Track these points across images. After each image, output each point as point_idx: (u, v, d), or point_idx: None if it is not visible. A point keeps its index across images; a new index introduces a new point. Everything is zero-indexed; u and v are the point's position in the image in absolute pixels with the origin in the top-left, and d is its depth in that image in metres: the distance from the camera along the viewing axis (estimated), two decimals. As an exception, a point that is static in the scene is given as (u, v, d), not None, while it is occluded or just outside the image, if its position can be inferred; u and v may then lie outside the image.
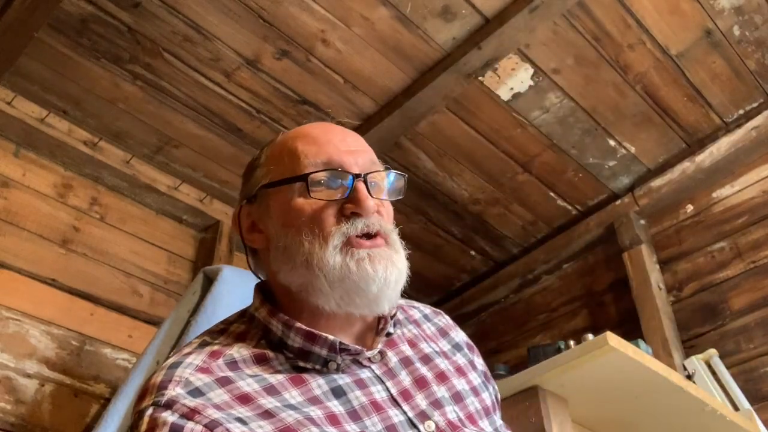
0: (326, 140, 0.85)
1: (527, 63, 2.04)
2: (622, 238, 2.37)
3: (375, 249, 0.79)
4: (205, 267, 1.85)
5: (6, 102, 2.01)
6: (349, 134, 0.89)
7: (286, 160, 0.84)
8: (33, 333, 1.86)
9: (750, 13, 1.94)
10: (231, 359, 0.76)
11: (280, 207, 0.83)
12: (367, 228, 0.79)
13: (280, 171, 0.85)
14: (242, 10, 1.87)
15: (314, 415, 0.70)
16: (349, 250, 0.77)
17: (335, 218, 0.79)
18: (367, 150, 0.88)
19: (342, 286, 0.77)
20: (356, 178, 0.81)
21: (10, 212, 1.98)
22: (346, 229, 0.78)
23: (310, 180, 0.80)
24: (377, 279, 0.77)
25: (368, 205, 0.79)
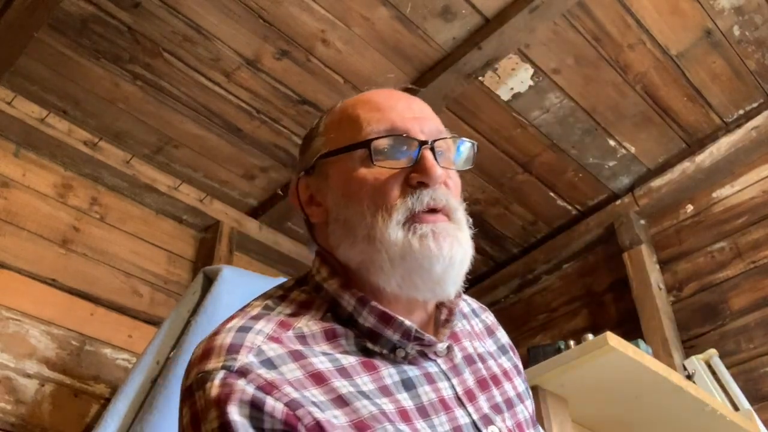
0: (389, 106, 0.80)
1: (527, 63, 2.03)
2: (622, 238, 2.37)
3: (439, 224, 0.72)
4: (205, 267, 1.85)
5: (6, 102, 2.01)
6: (414, 100, 0.84)
7: (347, 128, 0.79)
8: (33, 333, 1.86)
9: (750, 13, 1.94)
10: (300, 333, 0.69)
11: (340, 177, 0.77)
12: (434, 202, 0.72)
13: (339, 139, 0.79)
14: (242, 10, 1.87)
15: (387, 408, 0.65)
16: (411, 225, 0.71)
17: (400, 189, 0.73)
18: (433, 117, 0.81)
19: (403, 264, 0.70)
20: (423, 145, 0.75)
21: (10, 212, 1.98)
22: (411, 204, 0.72)
23: (373, 147, 0.74)
24: (442, 257, 0.70)
25: (436, 174, 0.73)
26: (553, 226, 2.59)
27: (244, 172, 2.36)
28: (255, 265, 2.54)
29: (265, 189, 2.44)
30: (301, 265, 2.61)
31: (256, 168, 2.35)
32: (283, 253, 2.56)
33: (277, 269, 2.59)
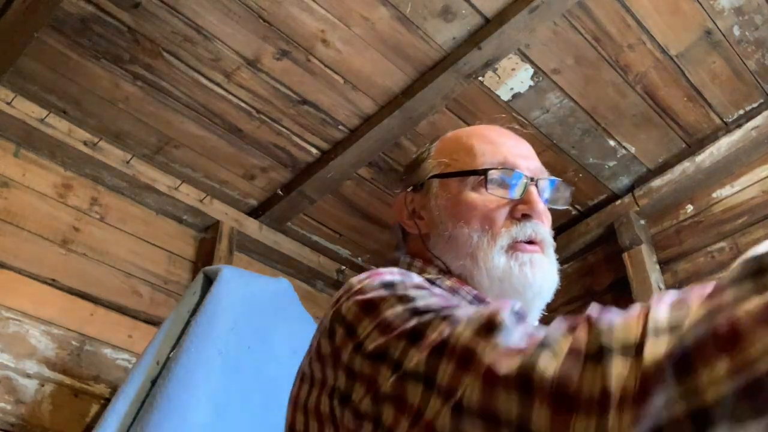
0: (502, 142, 0.89)
1: (527, 63, 2.03)
2: (622, 238, 2.37)
3: (536, 255, 0.81)
4: (205, 267, 1.85)
5: (6, 102, 2.01)
6: (521, 140, 0.93)
7: (462, 155, 0.88)
8: (33, 333, 1.86)
9: (750, 13, 1.94)
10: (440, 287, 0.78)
11: (449, 198, 0.86)
12: (534, 235, 0.82)
13: (453, 164, 0.88)
14: (242, 10, 1.87)
15: None
16: (514, 253, 0.80)
17: (505, 218, 0.82)
18: (536, 157, 0.90)
19: (501, 285, 0.79)
20: (530, 181, 0.84)
21: (10, 212, 1.98)
22: (515, 232, 0.81)
23: (488, 175, 0.83)
24: (535, 285, 0.79)
25: (540, 208, 0.83)
26: (553, 226, 2.59)
27: (244, 172, 2.36)
28: (255, 265, 2.54)
29: (265, 189, 2.44)
30: (301, 265, 2.61)
31: (256, 168, 2.35)
32: (283, 253, 2.56)
33: (277, 269, 2.59)
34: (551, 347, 0.48)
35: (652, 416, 0.40)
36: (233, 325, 1.68)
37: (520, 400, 0.46)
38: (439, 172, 0.89)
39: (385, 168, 2.36)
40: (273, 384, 1.67)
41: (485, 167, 0.84)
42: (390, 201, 2.43)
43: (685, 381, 0.39)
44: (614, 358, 0.44)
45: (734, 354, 0.37)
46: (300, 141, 2.26)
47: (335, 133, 2.23)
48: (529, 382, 0.47)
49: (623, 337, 0.46)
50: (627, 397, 0.42)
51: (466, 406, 0.49)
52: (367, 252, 2.71)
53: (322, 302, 2.65)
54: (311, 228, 2.60)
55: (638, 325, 0.46)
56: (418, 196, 0.90)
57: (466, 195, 0.84)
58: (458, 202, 0.84)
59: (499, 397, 0.48)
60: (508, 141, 0.90)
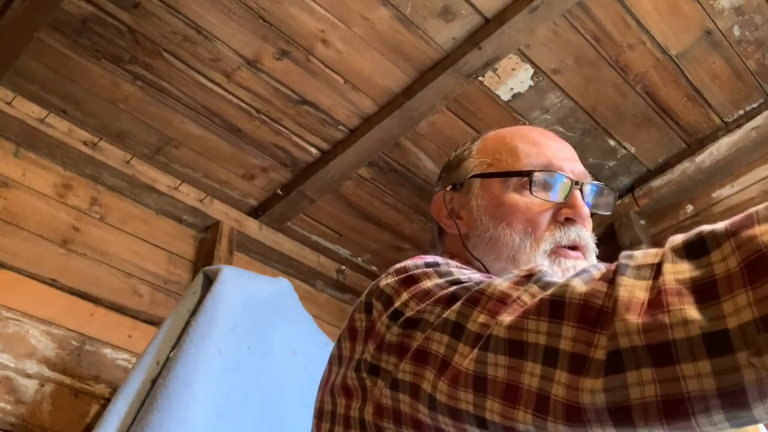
0: (546, 144, 0.87)
1: (527, 63, 2.04)
2: (622, 239, 2.36)
3: (579, 261, 0.79)
4: (205, 267, 1.85)
5: (6, 102, 2.01)
6: (564, 142, 0.91)
7: (505, 156, 0.86)
8: (33, 333, 1.86)
9: (750, 13, 1.94)
10: None
11: (491, 199, 0.84)
12: (579, 239, 0.80)
13: (496, 165, 0.86)
14: (242, 10, 1.87)
15: None
16: (557, 258, 0.78)
17: (549, 222, 0.80)
18: (579, 161, 0.89)
19: None
20: (575, 184, 0.83)
21: (10, 212, 1.98)
22: (558, 237, 0.80)
23: (534, 177, 0.81)
24: None
25: (585, 213, 0.82)
26: (553, 226, 2.59)
27: (244, 172, 2.36)
28: (255, 265, 2.54)
29: (265, 189, 2.44)
30: (301, 265, 2.61)
31: (256, 168, 2.35)
32: (283, 253, 2.56)
33: (277, 269, 2.59)
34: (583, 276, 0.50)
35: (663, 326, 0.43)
36: (233, 325, 1.68)
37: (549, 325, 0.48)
38: (480, 172, 0.87)
39: (385, 168, 2.36)
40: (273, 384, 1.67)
41: (529, 169, 0.82)
42: (390, 201, 2.43)
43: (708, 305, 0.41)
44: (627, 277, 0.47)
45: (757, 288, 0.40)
46: (300, 141, 2.26)
47: (335, 133, 2.23)
48: (561, 305, 0.48)
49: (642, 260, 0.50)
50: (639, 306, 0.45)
51: (493, 343, 0.50)
52: (367, 252, 2.71)
53: (322, 302, 2.66)
54: (311, 228, 2.60)
55: (657, 253, 0.51)
56: (458, 195, 0.88)
57: (509, 196, 0.82)
58: (500, 203, 0.82)
59: (528, 326, 0.49)
60: (552, 143, 0.88)
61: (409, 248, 2.50)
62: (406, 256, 0.91)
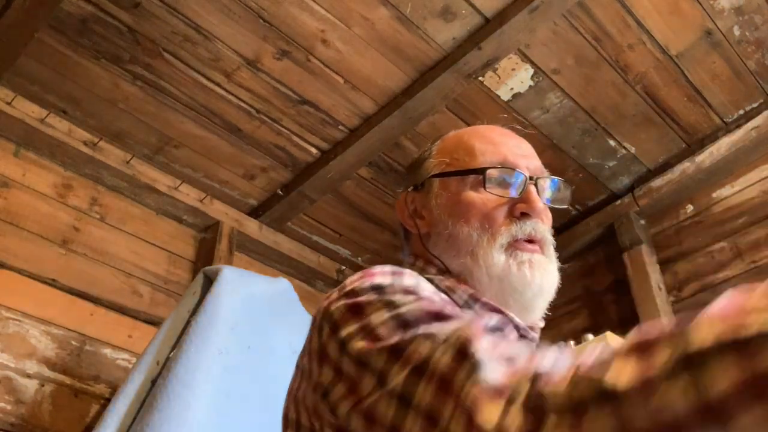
0: (503, 142, 0.89)
1: (527, 63, 2.03)
2: (622, 238, 2.36)
3: (535, 255, 0.82)
4: (205, 267, 1.85)
5: (6, 102, 2.01)
6: (522, 139, 0.94)
7: (462, 155, 0.88)
8: (33, 333, 1.86)
9: (750, 13, 1.94)
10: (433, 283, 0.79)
11: (449, 197, 0.86)
12: (534, 233, 0.82)
13: (453, 164, 0.88)
14: (242, 10, 1.87)
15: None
16: (513, 252, 0.80)
17: (505, 217, 0.82)
18: (537, 156, 0.91)
19: (500, 284, 0.79)
20: (529, 180, 0.85)
21: (10, 212, 1.98)
22: (515, 231, 0.81)
23: (487, 175, 0.83)
24: (534, 285, 0.80)
25: (538, 207, 0.83)
26: (553, 226, 2.59)
27: (244, 172, 2.36)
28: (255, 265, 2.54)
29: (265, 189, 2.44)
30: (301, 265, 2.61)
31: (256, 168, 2.35)
32: (283, 253, 2.56)
33: (277, 269, 2.59)
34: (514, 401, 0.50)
35: None
36: (233, 325, 1.68)
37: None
38: (439, 172, 0.89)
39: (385, 168, 2.36)
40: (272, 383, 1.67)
41: (485, 166, 0.84)
42: (390, 201, 2.43)
43: None
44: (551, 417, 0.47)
45: None
46: (300, 141, 2.26)
47: (335, 133, 2.23)
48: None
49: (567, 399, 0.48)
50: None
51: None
52: (367, 252, 2.71)
53: (322, 302, 2.65)
54: (311, 228, 2.60)
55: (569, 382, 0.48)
56: (419, 196, 0.90)
57: (466, 194, 0.84)
58: (458, 201, 0.84)
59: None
60: (509, 140, 0.90)
61: (409, 248, 2.50)
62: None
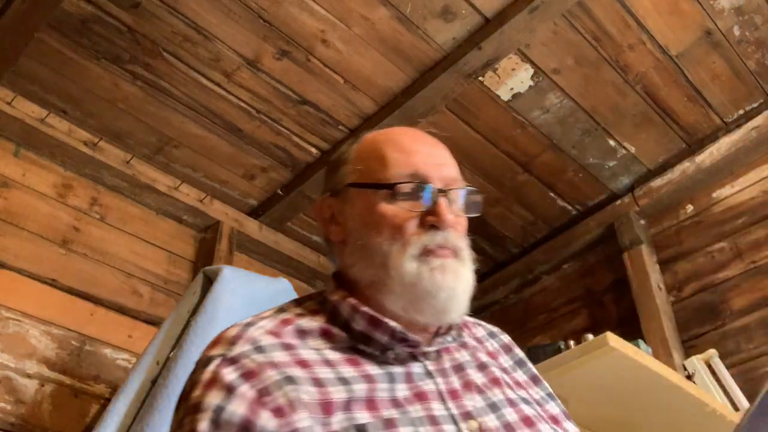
0: (415, 150, 0.89)
1: (527, 63, 2.03)
2: (622, 238, 2.37)
3: (447, 260, 0.83)
4: (205, 267, 1.85)
5: (6, 102, 2.01)
6: (436, 146, 0.93)
7: (375, 164, 0.89)
8: (33, 333, 1.86)
9: (750, 13, 1.94)
10: (299, 328, 0.81)
11: (363, 207, 0.87)
12: (445, 242, 0.83)
13: (366, 174, 0.89)
14: (242, 10, 1.87)
15: (356, 395, 0.74)
16: (425, 259, 0.82)
17: (416, 227, 0.84)
18: (452, 164, 0.91)
19: (413, 291, 0.81)
20: (440, 192, 0.86)
21: (10, 212, 1.98)
22: (426, 240, 0.83)
23: (396, 189, 0.85)
24: (446, 287, 0.81)
25: (447, 219, 0.84)
26: (553, 226, 2.59)
27: (244, 172, 2.36)
28: (255, 265, 2.54)
29: (265, 189, 2.44)
30: (301, 265, 2.61)
31: (256, 168, 2.35)
32: (283, 253, 2.56)
33: (277, 269, 2.59)
34: None
35: None
36: (233, 325, 1.68)
37: None
38: (353, 181, 0.90)
39: (385, 168, 2.36)
40: (273, 384, 1.67)
41: (393, 181, 0.85)
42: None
43: None
44: None
45: None
46: (300, 141, 2.26)
47: (335, 133, 2.23)
48: None
49: None
50: None
51: None
52: (367, 252, 2.71)
53: (322, 302, 2.65)
54: (311, 228, 2.60)
55: None
56: (336, 202, 0.91)
57: (379, 206, 0.85)
58: (371, 213, 0.86)
59: None
60: (421, 149, 0.90)
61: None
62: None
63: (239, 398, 0.70)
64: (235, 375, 0.72)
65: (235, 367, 0.73)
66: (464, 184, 0.90)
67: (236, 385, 0.71)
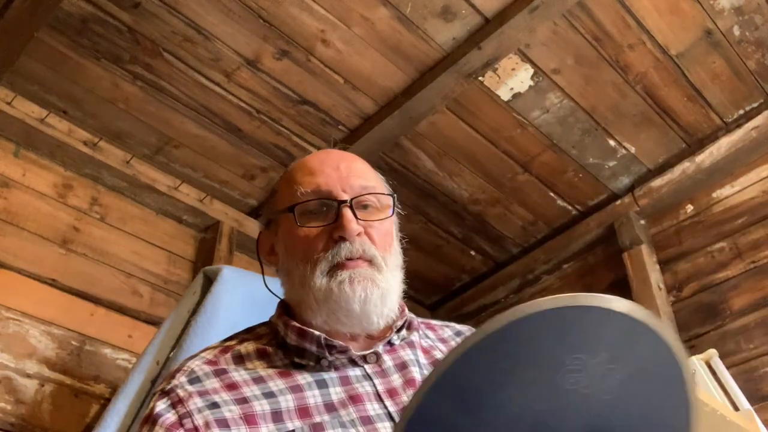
0: (320, 169, 0.92)
1: (527, 63, 2.04)
2: (622, 238, 2.37)
3: (357, 269, 0.85)
4: (205, 267, 1.85)
5: (6, 102, 2.01)
6: (343, 160, 0.95)
7: (287, 191, 0.93)
8: (33, 333, 1.86)
9: (750, 13, 1.94)
10: (237, 353, 0.86)
11: (284, 233, 0.92)
12: (350, 254, 0.86)
13: (283, 201, 0.93)
14: (242, 10, 1.87)
15: (284, 405, 0.78)
16: (333, 273, 0.85)
17: (324, 244, 0.87)
18: (360, 175, 0.93)
19: (327, 305, 0.84)
20: (341, 204, 0.87)
21: (10, 212, 1.98)
22: (331, 257, 0.85)
23: (297, 210, 0.88)
24: (356, 299, 0.84)
25: (351, 228, 0.86)
26: (553, 226, 2.59)
27: (244, 172, 2.36)
28: (255, 265, 2.52)
29: (265, 189, 2.44)
30: (301, 265, 2.61)
31: (256, 168, 2.35)
32: (283, 253, 2.56)
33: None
34: None
35: None
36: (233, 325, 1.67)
37: None
38: (271, 211, 0.95)
39: (385, 168, 2.36)
40: (273, 384, 1.67)
41: (297, 202, 0.88)
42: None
43: None
44: None
45: None
46: (300, 141, 2.26)
47: (335, 133, 2.23)
48: None
49: None
50: None
51: None
52: (367, 252, 2.70)
53: (322, 302, 2.65)
54: (311, 228, 2.59)
55: None
56: (271, 234, 0.95)
57: (292, 229, 0.89)
58: (289, 237, 0.90)
59: None
60: (326, 167, 0.92)
61: (409, 248, 2.50)
62: (406, 255, 0.93)
63: (160, 425, 0.76)
64: (164, 405, 0.78)
65: (167, 398, 0.79)
66: (374, 191, 0.91)
67: (162, 413, 0.77)
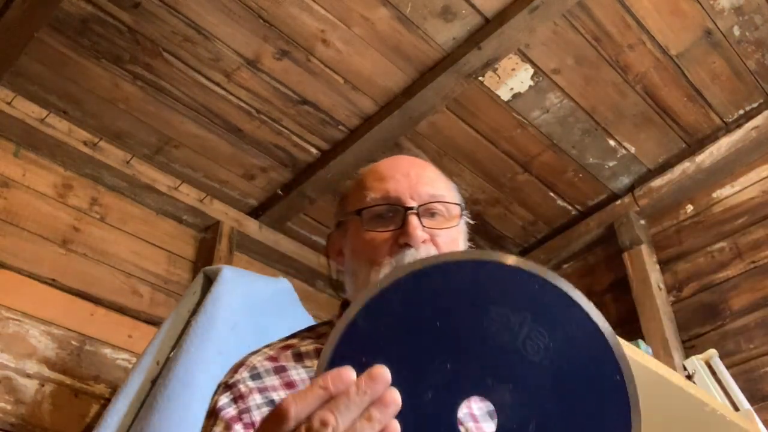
0: (390, 175, 0.94)
1: (527, 63, 2.03)
2: (622, 238, 2.37)
3: None
4: (205, 267, 1.85)
5: (6, 102, 2.01)
6: (414, 166, 0.97)
7: (357, 194, 0.95)
8: (33, 333, 1.86)
9: (750, 13, 1.94)
10: (297, 352, 0.87)
11: (351, 236, 0.94)
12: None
13: (354, 203, 0.95)
14: (242, 10, 1.87)
15: None
16: None
17: (389, 249, 0.88)
18: (429, 182, 0.94)
19: None
20: (408, 210, 0.89)
21: (10, 212, 1.98)
22: (395, 262, 0.87)
23: (364, 214, 0.91)
24: None
25: (416, 235, 0.87)
26: (553, 226, 2.59)
27: (244, 172, 2.36)
28: (255, 265, 2.54)
29: (265, 189, 2.44)
30: (300, 265, 2.61)
31: (256, 168, 2.35)
32: (283, 253, 2.56)
33: (276, 269, 2.59)
34: None
35: None
36: (233, 325, 1.68)
37: None
38: (344, 213, 0.97)
39: (385, 168, 2.36)
40: (273, 384, 1.67)
41: (365, 206, 0.91)
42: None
43: None
44: None
45: None
46: (300, 141, 2.26)
47: (335, 133, 2.23)
48: None
49: None
50: None
51: None
52: (367, 252, 2.70)
53: (322, 302, 2.65)
54: (311, 228, 2.60)
55: None
56: (340, 235, 0.98)
57: (360, 232, 0.91)
58: (356, 240, 0.92)
59: None
60: (397, 172, 0.94)
61: (409, 248, 2.50)
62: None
63: (222, 418, 0.78)
64: (227, 399, 0.80)
65: (230, 392, 0.81)
66: (444, 199, 0.93)
67: (224, 407, 0.79)
